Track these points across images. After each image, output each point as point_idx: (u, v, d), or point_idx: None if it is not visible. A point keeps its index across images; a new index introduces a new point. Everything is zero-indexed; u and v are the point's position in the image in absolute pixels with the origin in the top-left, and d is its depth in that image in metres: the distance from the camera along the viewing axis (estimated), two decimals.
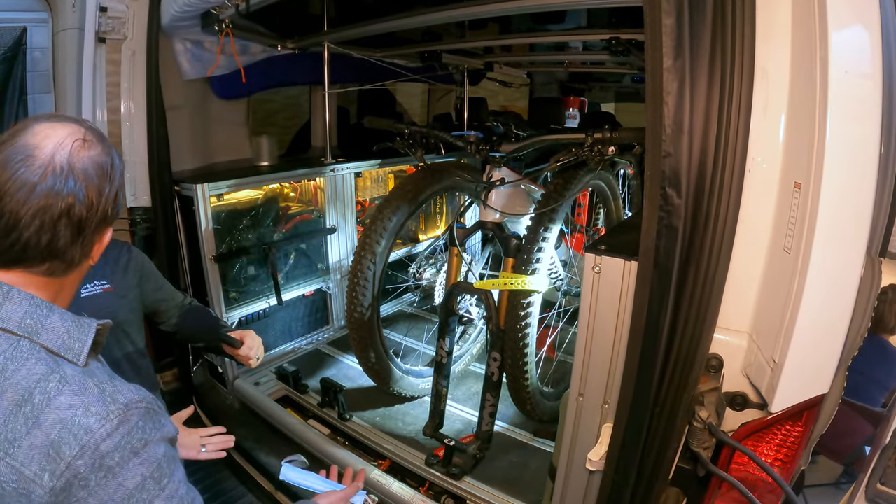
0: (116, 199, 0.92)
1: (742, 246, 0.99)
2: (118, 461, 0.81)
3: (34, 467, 0.77)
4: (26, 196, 0.82)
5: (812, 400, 0.94)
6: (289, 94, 5.75)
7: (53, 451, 0.77)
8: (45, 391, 0.80)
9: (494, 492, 2.19)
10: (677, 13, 0.88)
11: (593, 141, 1.90)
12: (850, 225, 0.84)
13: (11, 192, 0.82)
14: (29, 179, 0.82)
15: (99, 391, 0.83)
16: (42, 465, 0.77)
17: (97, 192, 0.88)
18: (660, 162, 0.95)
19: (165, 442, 0.89)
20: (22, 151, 0.84)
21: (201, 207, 2.73)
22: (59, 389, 0.81)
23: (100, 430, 0.79)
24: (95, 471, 0.79)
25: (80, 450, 0.78)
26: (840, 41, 0.80)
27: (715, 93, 0.93)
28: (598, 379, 1.38)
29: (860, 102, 0.81)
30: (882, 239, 1.38)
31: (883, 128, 1.21)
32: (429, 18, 2.48)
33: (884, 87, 0.86)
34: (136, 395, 0.86)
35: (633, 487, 1.21)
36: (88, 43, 2.44)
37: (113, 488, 0.80)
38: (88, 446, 0.78)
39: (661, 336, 1.06)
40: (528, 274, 2.14)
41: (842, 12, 0.80)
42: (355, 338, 2.52)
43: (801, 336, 0.88)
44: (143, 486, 0.83)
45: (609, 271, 1.29)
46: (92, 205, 0.88)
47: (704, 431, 1.02)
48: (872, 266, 1.32)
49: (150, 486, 0.84)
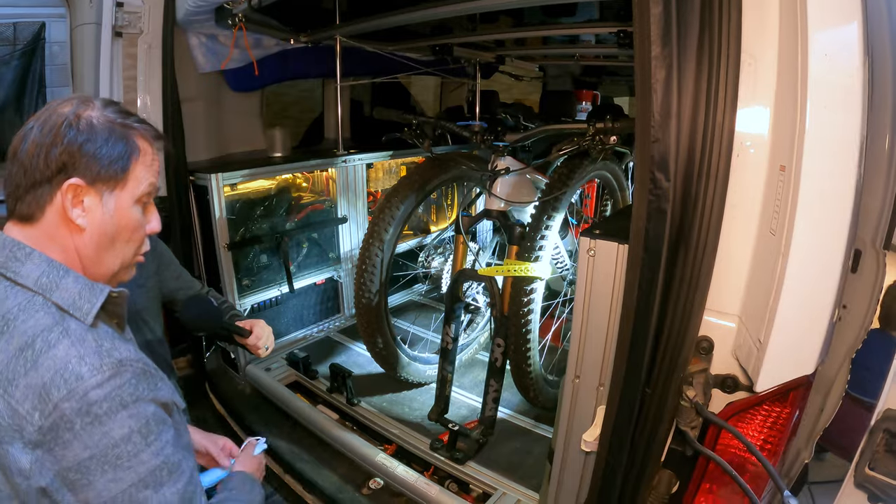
0: (49, 156, 0.97)
1: (731, 229, 1.02)
2: (105, 410, 0.87)
3: (27, 405, 0.85)
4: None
5: (797, 381, 0.96)
6: (303, 86, 5.79)
7: (44, 393, 0.85)
8: (47, 339, 0.88)
9: (497, 476, 2.24)
10: (665, 2, 0.91)
11: (595, 130, 1.93)
12: (832, 207, 0.86)
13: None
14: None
15: (97, 346, 0.91)
16: (34, 404, 0.85)
17: (36, 144, 0.97)
18: (649, 147, 0.97)
19: (157, 404, 0.96)
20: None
21: (215, 197, 2.80)
22: (59, 339, 0.89)
23: (90, 379, 0.87)
24: (81, 416, 0.85)
25: (68, 393, 0.85)
26: (820, 26, 0.83)
27: (703, 80, 0.95)
28: (593, 361, 1.41)
29: (841, 87, 0.83)
30: (886, 231, 1.36)
31: (879, 118, 1.24)
32: (440, 12, 2.50)
33: (869, 74, 0.88)
34: (133, 355, 0.94)
35: (627, 467, 1.24)
36: (105, 37, 2.50)
37: (98, 436, 0.87)
38: (76, 391, 0.85)
39: (651, 318, 1.09)
40: (532, 261, 2.18)
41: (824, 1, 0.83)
42: (363, 323, 2.58)
43: (785, 316, 0.91)
44: (129, 439, 0.89)
45: (603, 255, 1.33)
46: (29, 154, 0.97)
47: (691, 410, 1.05)
48: (877, 258, 1.33)
49: (136, 439, 0.90)
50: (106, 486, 0.88)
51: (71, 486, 0.87)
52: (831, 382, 1.38)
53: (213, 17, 2.70)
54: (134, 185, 1.05)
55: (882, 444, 1.03)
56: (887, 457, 1.02)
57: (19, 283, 0.94)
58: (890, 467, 1.02)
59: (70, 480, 0.87)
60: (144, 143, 1.06)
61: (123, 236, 1.07)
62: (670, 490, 1.21)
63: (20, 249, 0.96)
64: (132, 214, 1.07)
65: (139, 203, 1.08)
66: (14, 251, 0.96)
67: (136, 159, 1.04)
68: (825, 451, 1.52)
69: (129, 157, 1.03)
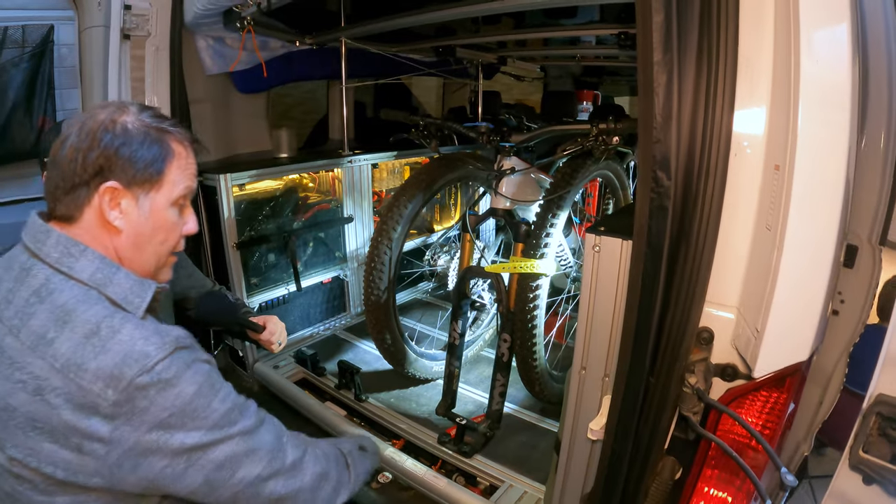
0: (86, 160, 1.03)
1: (729, 225, 1.07)
2: (173, 374, 0.97)
3: (99, 385, 0.93)
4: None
5: (792, 367, 1.01)
6: (305, 88, 5.85)
7: (117, 372, 0.94)
8: (111, 325, 0.97)
9: (504, 469, 2.28)
10: (665, 11, 0.96)
11: (598, 131, 1.98)
12: (822, 203, 0.92)
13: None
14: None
15: (154, 328, 1.00)
16: (107, 382, 0.94)
17: (74, 149, 1.03)
18: (651, 148, 1.03)
19: (210, 364, 1.07)
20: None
21: (224, 197, 2.84)
22: (122, 324, 0.98)
23: (157, 355, 0.96)
24: (154, 384, 0.95)
25: (140, 370, 0.94)
26: (811, 32, 0.88)
27: (702, 84, 1.01)
28: (598, 353, 1.46)
29: (831, 91, 0.89)
30: (882, 227, 1.41)
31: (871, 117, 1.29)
32: (443, 14, 2.55)
33: (860, 76, 0.94)
34: (182, 332, 1.04)
35: (632, 455, 1.29)
36: (114, 40, 2.53)
37: (173, 396, 0.97)
38: (146, 367, 0.95)
39: (654, 311, 1.14)
40: (537, 258, 2.23)
41: (814, 6, 0.89)
42: (371, 320, 2.62)
43: (780, 306, 0.96)
44: (200, 392, 1.00)
45: (607, 250, 1.38)
46: (67, 158, 1.03)
47: (693, 397, 1.10)
48: (873, 254, 1.38)
49: (205, 391, 1.01)
50: (187, 435, 0.99)
51: (152, 445, 0.97)
52: (829, 376, 1.41)
53: (222, 20, 2.74)
54: (169, 187, 1.11)
55: (875, 427, 1.07)
56: (880, 440, 1.06)
57: (74, 277, 1.02)
58: (883, 450, 1.06)
59: (151, 441, 0.97)
60: (179, 147, 1.12)
61: (159, 237, 1.13)
62: (674, 476, 1.25)
63: (75, 246, 1.03)
64: (168, 216, 1.13)
65: (175, 205, 1.14)
66: (69, 248, 1.03)
67: (170, 162, 1.10)
68: (825, 445, 1.56)
69: (164, 160, 1.09)
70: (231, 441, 1.06)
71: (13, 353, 0.97)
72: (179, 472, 1.02)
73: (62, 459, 0.96)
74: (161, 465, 1.00)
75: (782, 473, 0.89)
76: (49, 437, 0.95)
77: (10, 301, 1.01)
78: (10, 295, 1.02)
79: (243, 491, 1.11)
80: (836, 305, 1.35)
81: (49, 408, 0.94)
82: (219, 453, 1.05)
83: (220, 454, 1.05)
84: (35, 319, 0.98)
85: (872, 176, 1.34)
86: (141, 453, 0.98)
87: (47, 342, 0.96)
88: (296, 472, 1.21)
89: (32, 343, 0.96)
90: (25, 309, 0.99)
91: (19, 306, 1.00)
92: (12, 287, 1.02)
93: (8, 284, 1.03)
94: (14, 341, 0.98)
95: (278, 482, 1.17)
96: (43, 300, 0.99)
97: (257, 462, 1.12)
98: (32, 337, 0.97)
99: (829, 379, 1.43)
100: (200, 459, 1.03)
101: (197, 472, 1.03)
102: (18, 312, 0.99)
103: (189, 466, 1.02)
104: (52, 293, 1.00)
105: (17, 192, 2.62)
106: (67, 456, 0.96)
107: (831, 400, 1.45)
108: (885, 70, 1.27)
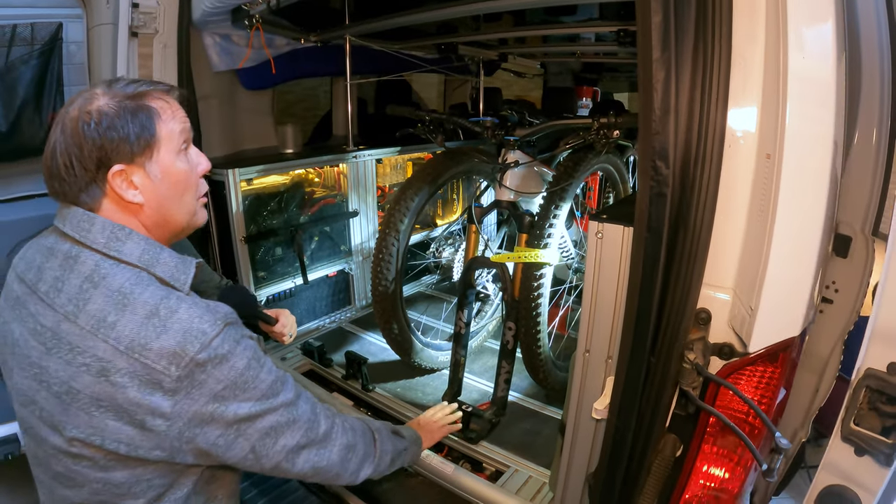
0: (82, 160, 1.06)
1: (724, 210, 1.13)
2: (227, 350, 1.04)
3: (163, 362, 1.00)
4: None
5: (784, 342, 1.08)
6: (306, 85, 5.90)
7: (179, 349, 1.01)
8: (168, 306, 1.03)
9: (509, 455, 2.33)
10: (664, 12, 1.03)
11: (599, 125, 2.05)
12: (810, 189, 0.98)
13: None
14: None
15: (205, 306, 1.06)
16: (170, 360, 1.00)
17: (66, 154, 1.06)
18: (650, 139, 1.10)
19: (252, 339, 1.14)
20: None
21: (232, 191, 2.90)
22: (178, 304, 1.04)
23: (211, 332, 1.03)
24: (211, 360, 1.02)
25: (200, 346, 1.01)
26: (799, 30, 0.96)
27: (698, 79, 1.08)
28: (602, 335, 1.53)
29: (817, 86, 0.96)
30: (875, 218, 1.44)
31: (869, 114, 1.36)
32: (446, 13, 2.62)
33: (846, 73, 1.01)
34: (228, 309, 1.10)
35: (635, 432, 1.35)
36: (122, 37, 2.57)
37: (227, 369, 1.04)
38: (205, 343, 1.02)
39: (654, 293, 1.20)
40: (541, 248, 2.30)
41: (801, 6, 0.96)
42: (379, 310, 2.68)
43: (771, 284, 1.03)
44: (249, 365, 1.08)
45: (610, 237, 1.45)
46: (64, 165, 1.07)
47: (693, 372, 1.17)
48: (866, 245, 1.43)
49: (253, 364, 1.09)
50: (240, 406, 1.07)
51: (209, 416, 1.05)
52: (825, 363, 1.46)
53: (230, 18, 2.79)
54: (167, 142, 1.13)
55: (865, 401, 1.13)
56: (870, 413, 1.11)
57: (123, 260, 1.08)
58: (873, 423, 1.11)
59: (208, 412, 1.04)
60: (159, 102, 1.13)
61: (180, 188, 1.17)
62: (675, 453, 1.30)
63: (121, 230, 1.09)
64: (179, 167, 1.16)
65: (180, 153, 1.17)
66: (115, 232, 1.08)
67: (157, 120, 1.11)
68: (823, 436, 1.61)
69: (151, 122, 1.10)
70: (276, 412, 1.15)
71: (73, 339, 1.02)
72: (230, 441, 1.10)
73: (126, 435, 1.03)
74: (215, 434, 1.08)
75: (776, 437, 0.96)
76: (113, 414, 1.01)
77: (59, 289, 1.06)
78: (59, 283, 1.06)
79: (285, 458, 1.20)
80: (831, 294, 1.41)
81: (114, 387, 1.00)
82: (265, 423, 1.13)
83: (266, 423, 1.13)
84: (92, 304, 1.03)
85: (864, 169, 1.40)
86: (198, 424, 1.05)
87: (109, 325, 1.01)
88: (327, 441, 1.30)
89: (93, 327, 1.01)
90: (80, 295, 1.04)
91: (72, 293, 1.04)
92: (59, 275, 1.07)
93: (54, 273, 1.08)
94: (72, 327, 1.03)
95: (311, 451, 1.26)
96: (97, 285, 1.04)
97: (296, 431, 1.20)
98: (92, 321, 1.02)
99: (824, 366, 1.48)
100: (249, 429, 1.11)
101: (245, 441, 1.12)
102: (72, 299, 1.04)
103: (239, 436, 1.10)
104: (105, 278, 1.05)
105: (28, 188, 2.65)
106: (130, 431, 1.03)
107: (827, 387, 1.50)
108: (878, 67, 1.32)
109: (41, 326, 1.06)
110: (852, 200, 1.37)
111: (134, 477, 1.09)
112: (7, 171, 2.52)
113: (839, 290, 1.39)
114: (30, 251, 1.17)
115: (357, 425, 1.48)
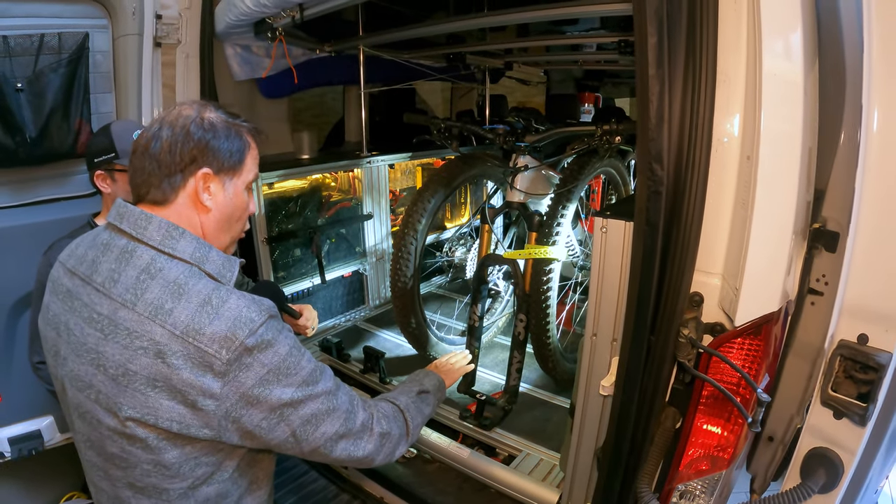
0: (182, 151, 1.18)
1: (712, 205, 1.30)
2: (271, 337, 1.15)
3: (215, 346, 1.08)
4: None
5: (766, 316, 1.25)
6: (313, 93, 5.96)
7: (230, 334, 1.08)
8: (220, 296, 1.13)
9: (521, 440, 2.47)
10: (658, 35, 1.21)
11: (602, 132, 2.23)
12: (782, 183, 1.17)
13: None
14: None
15: (251, 298, 1.16)
16: (221, 344, 1.08)
17: (170, 142, 1.18)
18: (647, 144, 1.27)
19: (290, 331, 1.24)
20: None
21: (255, 194, 3.02)
22: (228, 295, 1.14)
23: (258, 320, 1.13)
24: (258, 345, 1.12)
25: (249, 332, 1.11)
26: (770, 51, 1.13)
27: (688, 93, 1.25)
28: (607, 319, 1.69)
29: (786, 99, 1.14)
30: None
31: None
32: (454, 26, 2.77)
33: (818, 86, 1.19)
34: (270, 303, 1.20)
35: (638, 405, 1.49)
36: (147, 47, 2.65)
37: (271, 354, 1.14)
38: (253, 329, 1.11)
39: (653, 279, 1.37)
40: (549, 245, 2.47)
41: (772, 30, 1.13)
42: (398, 305, 2.83)
43: (752, 267, 1.20)
44: (290, 353, 1.18)
45: (613, 231, 1.61)
46: (165, 150, 1.18)
47: (688, 345, 1.33)
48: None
49: (294, 352, 1.19)
50: (283, 391, 1.16)
51: (254, 399, 1.14)
52: (818, 351, 1.52)
53: (252, 30, 2.90)
54: (246, 173, 1.28)
55: (841, 370, 1.24)
56: (847, 381, 1.24)
57: (177, 256, 1.16)
58: (849, 390, 1.22)
59: (253, 395, 1.13)
60: (251, 139, 1.30)
61: (237, 215, 1.31)
62: (675, 424, 1.45)
63: (175, 229, 1.17)
64: (244, 197, 1.31)
65: (248, 189, 1.32)
66: (170, 231, 1.17)
67: (248, 152, 1.27)
68: None
69: (243, 151, 1.26)
70: (317, 399, 1.22)
71: (130, 325, 1.09)
72: (273, 425, 1.17)
73: (178, 414, 1.09)
74: (259, 417, 1.14)
75: (758, 393, 1.12)
76: (168, 394, 1.08)
77: (115, 280, 1.13)
78: (115, 274, 1.14)
79: (323, 445, 1.26)
80: (821, 287, 1.51)
81: (169, 369, 1.07)
82: (307, 410, 1.20)
83: (307, 410, 1.20)
84: (149, 293, 1.10)
85: (850, 169, 1.53)
86: (244, 406, 1.12)
87: (166, 312, 1.08)
88: (363, 433, 1.36)
89: (151, 313, 1.08)
90: (137, 285, 1.11)
91: (129, 283, 1.12)
92: (115, 267, 1.14)
93: (109, 265, 1.15)
94: (130, 313, 1.09)
95: (349, 441, 1.32)
96: (153, 276, 1.11)
97: (335, 420, 1.26)
98: (150, 308, 1.09)
99: (817, 354, 1.60)
100: (291, 415, 1.18)
101: (287, 427, 1.19)
102: (130, 288, 1.11)
103: (281, 420, 1.17)
104: (161, 270, 1.13)
105: (55, 191, 2.70)
106: (182, 410, 1.09)
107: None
108: (862, 74, 1.45)
109: (97, 315, 1.13)
110: (841, 198, 1.41)
111: (184, 455, 1.15)
112: (36, 175, 2.60)
113: (829, 283, 1.45)
114: (80, 248, 1.25)
115: (389, 411, 1.52)
